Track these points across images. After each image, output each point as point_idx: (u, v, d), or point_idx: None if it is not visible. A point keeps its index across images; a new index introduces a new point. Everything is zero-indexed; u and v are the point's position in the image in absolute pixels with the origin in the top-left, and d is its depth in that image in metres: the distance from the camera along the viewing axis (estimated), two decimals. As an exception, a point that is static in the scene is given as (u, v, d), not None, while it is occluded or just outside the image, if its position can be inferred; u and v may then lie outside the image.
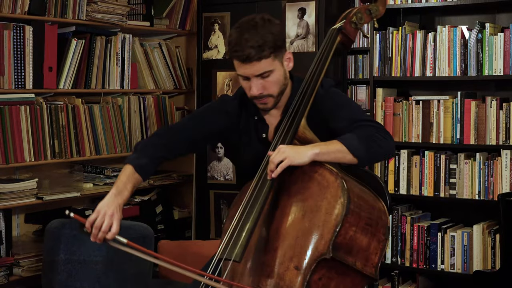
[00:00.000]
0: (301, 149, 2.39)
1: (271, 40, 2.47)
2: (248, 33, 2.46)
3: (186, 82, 5.01)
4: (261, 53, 2.45)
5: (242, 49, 2.45)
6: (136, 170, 2.58)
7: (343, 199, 2.30)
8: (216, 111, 2.73)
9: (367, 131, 2.47)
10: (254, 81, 2.50)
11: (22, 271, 3.93)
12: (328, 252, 2.25)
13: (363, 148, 2.42)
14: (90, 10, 4.18)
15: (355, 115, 2.56)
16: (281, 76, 2.54)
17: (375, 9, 2.79)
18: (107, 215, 2.42)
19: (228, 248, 2.31)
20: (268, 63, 2.48)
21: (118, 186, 2.53)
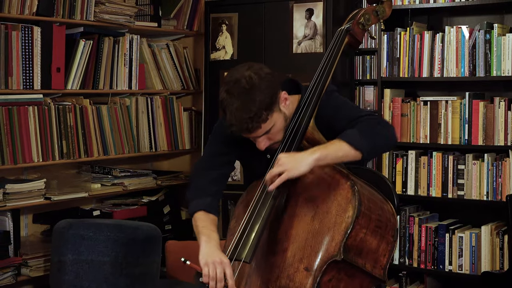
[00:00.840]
0: (300, 157, 2.32)
1: (264, 101, 2.38)
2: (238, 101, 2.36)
3: (193, 83, 5.02)
4: (258, 120, 2.38)
5: (238, 124, 2.37)
6: (207, 211, 2.54)
7: (354, 201, 2.29)
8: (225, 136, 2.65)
9: (366, 123, 2.43)
10: (258, 139, 2.46)
11: (30, 271, 3.94)
12: (339, 254, 2.24)
13: (364, 140, 2.36)
14: (98, 11, 4.19)
15: (353, 113, 2.52)
16: (282, 123, 2.48)
17: (382, 10, 2.79)
18: (216, 263, 2.32)
19: (238, 249, 2.31)
20: (268, 123, 2.42)
21: (204, 233, 2.47)
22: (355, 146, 2.35)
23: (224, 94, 2.42)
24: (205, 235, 2.45)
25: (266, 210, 2.34)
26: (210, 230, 2.48)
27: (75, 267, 3.60)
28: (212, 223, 2.52)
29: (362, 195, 2.33)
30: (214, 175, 2.64)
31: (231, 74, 2.44)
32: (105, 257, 3.59)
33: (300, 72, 2.63)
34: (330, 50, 2.66)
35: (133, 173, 4.54)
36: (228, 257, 2.33)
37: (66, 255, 3.61)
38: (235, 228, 2.44)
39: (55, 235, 3.71)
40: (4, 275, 3.82)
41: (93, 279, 3.59)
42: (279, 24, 4.50)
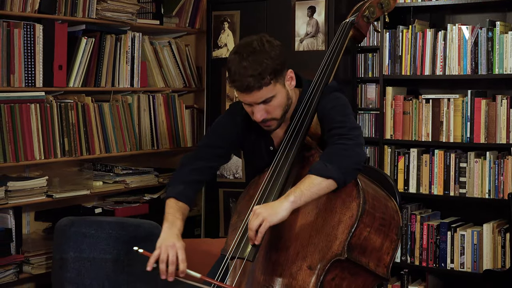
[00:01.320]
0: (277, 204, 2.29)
1: (270, 66, 2.40)
2: (246, 60, 2.39)
3: (195, 81, 5.01)
4: (261, 81, 2.39)
5: (241, 78, 2.39)
6: (177, 199, 2.56)
7: (358, 200, 2.29)
8: (228, 122, 2.71)
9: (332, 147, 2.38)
10: (257, 107, 2.45)
11: (32, 268, 3.94)
12: (343, 253, 2.24)
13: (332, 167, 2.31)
14: (100, 8, 4.19)
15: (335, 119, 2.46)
16: (283, 99, 2.49)
17: (386, 2, 2.78)
18: (169, 247, 2.35)
19: (241, 247, 2.30)
20: (269, 89, 2.42)
21: (168, 219, 2.50)
22: (324, 175, 2.30)
23: (232, 54, 2.45)
24: (169, 222, 2.48)
25: None
26: (174, 217, 2.50)
27: (76, 264, 3.60)
28: (179, 211, 2.53)
29: (367, 193, 2.32)
30: (200, 165, 2.65)
31: (243, 39, 2.50)
32: (106, 254, 3.59)
33: (302, 70, 2.63)
34: (334, 43, 2.65)
35: (135, 170, 4.54)
36: (231, 255, 2.33)
37: (68, 252, 3.61)
38: (237, 223, 2.44)
39: (57, 233, 3.71)
40: (6, 273, 3.82)
41: (94, 277, 3.59)
42: (281, 21, 4.50)
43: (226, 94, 4.70)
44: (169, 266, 2.32)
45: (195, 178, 2.64)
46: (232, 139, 2.69)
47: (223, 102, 4.70)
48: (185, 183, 2.60)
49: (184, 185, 2.59)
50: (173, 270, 2.32)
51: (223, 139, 2.68)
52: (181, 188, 2.58)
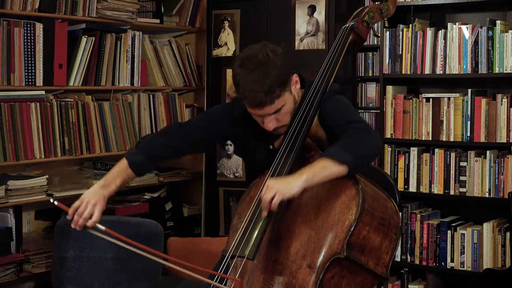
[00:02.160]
0: (290, 180, 2.31)
1: (278, 77, 2.41)
2: (254, 73, 2.39)
3: (195, 80, 5.01)
4: (272, 95, 2.40)
5: (252, 95, 2.40)
6: (130, 166, 2.61)
7: (358, 199, 2.30)
8: (222, 114, 2.71)
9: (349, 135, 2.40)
10: (267, 118, 2.47)
11: (32, 267, 3.95)
12: (342, 251, 2.25)
13: (347, 153, 2.33)
14: (100, 7, 4.19)
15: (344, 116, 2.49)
16: (291, 105, 2.50)
17: (386, 8, 2.80)
18: (90, 204, 2.46)
19: (241, 246, 2.31)
20: (280, 101, 2.44)
21: (107, 179, 2.58)
22: (339, 161, 2.32)
23: (238, 68, 2.44)
24: (106, 182, 2.57)
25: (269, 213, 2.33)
26: (113, 181, 2.57)
27: (77, 263, 3.60)
28: (121, 176, 2.60)
29: (366, 193, 2.33)
30: (175, 144, 2.67)
31: (245, 50, 2.49)
32: (107, 253, 3.59)
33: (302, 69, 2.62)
34: (334, 48, 2.66)
35: (135, 169, 4.53)
36: (231, 254, 2.33)
37: (68, 251, 3.62)
38: (238, 225, 2.45)
39: (57, 232, 3.71)
40: (6, 272, 3.82)
41: (95, 276, 3.59)
42: (281, 20, 4.50)
43: (226, 93, 4.70)
44: (80, 219, 2.45)
45: (162, 155, 2.68)
46: (221, 130, 2.69)
47: (223, 100, 4.70)
48: (149, 157, 2.63)
49: (146, 157, 2.62)
50: (82, 224, 2.45)
51: (211, 127, 2.69)
52: (141, 160, 2.62)
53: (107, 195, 2.53)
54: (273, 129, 2.49)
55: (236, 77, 2.45)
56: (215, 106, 2.79)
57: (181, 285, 3.91)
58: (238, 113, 2.67)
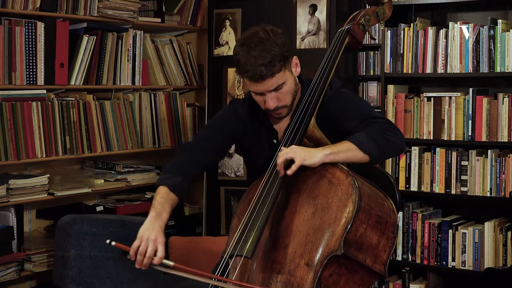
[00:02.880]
0: (313, 150, 2.40)
1: (279, 53, 2.46)
2: (255, 50, 2.44)
3: (197, 79, 5.02)
4: (272, 68, 2.44)
5: (253, 68, 2.43)
6: (171, 190, 2.58)
7: (354, 197, 2.31)
8: (228, 116, 2.73)
9: (376, 127, 2.47)
10: (269, 95, 2.50)
11: (34, 266, 3.95)
12: (339, 249, 2.26)
13: (373, 144, 2.42)
14: (101, 6, 4.19)
15: (364, 112, 2.56)
16: (292, 85, 2.54)
17: (382, 11, 2.82)
18: (150, 240, 2.37)
19: (239, 245, 2.32)
20: (280, 76, 2.47)
21: (156, 209, 2.51)
22: (364, 150, 2.41)
23: (239, 47, 2.49)
24: (156, 212, 2.50)
25: (267, 206, 2.35)
26: (162, 209, 2.52)
27: (78, 262, 3.61)
28: (168, 202, 2.55)
29: (362, 191, 2.34)
30: (199, 158, 2.68)
31: (245, 32, 2.54)
32: (108, 252, 3.60)
33: (303, 67, 2.63)
34: (331, 50, 2.70)
35: (136, 168, 4.54)
36: (230, 253, 2.34)
37: (69, 250, 3.62)
38: (237, 226, 2.45)
39: (58, 231, 3.72)
40: (8, 270, 3.83)
41: (96, 275, 3.60)
42: (282, 19, 4.49)
43: (227, 92, 4.70)
44: (145, 259, 2.35)
45: (193, 172, 2.68)
46: (232, 130, 2.72)
47: (224, 100, 4.70)
48: (184, 176, 2.62)
49: (182, 177, 2.61)
50: (148, 263, 2.36)
51: (222, 132, 2.72)
52: (179, 181, 2.60)
53: (163, 226, 2.46)
54: (274, 108, 2.51)
55: (237, 56, 2.49)
56: (217, 113, 2.81)
57: (182, 284, 3.91)
58: (241, 111, 2.71)
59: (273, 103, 2.50)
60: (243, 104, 2.71)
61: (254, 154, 2.71)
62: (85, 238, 3.62)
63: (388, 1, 2.83)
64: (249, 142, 2.71)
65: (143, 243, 2.37)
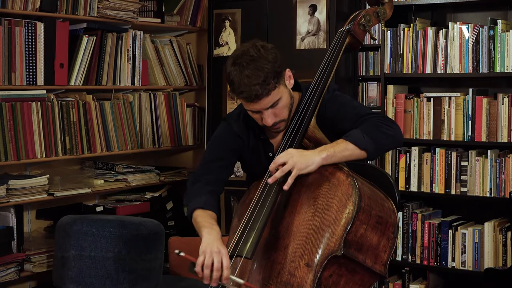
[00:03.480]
0: (308, 154, 2.37)
1: (271, 69, 2.43)
2: (247, 69, 2.42)
3: (197, 79, 5.01)
4: (267, 86, 2.42)
5: (248, 88, 2.41)
6: (204, 208, 2.55)
7: (354, 197, 2.31)
8: (225, 134, 2.72)
9: (371, 122, 2.47)
10: (265, 113, 2.48)
11: (33, 266, 3.95)
12: (339, 249, 2.26)
13: (369, 139, 2.41)
14: (101, 7, 4.19)
15: (357, 112, 2.54)
16: (287, 99, 2.53)
17: (382, 12, 2.82)
18: (214, 253, 2.31)
19: (239, 245, 2.32)
20: (276, 93, 2.46)
21: (205, 225, 2.46)
22: (360, 146, 2.40)
23: (231, 67, 2.47)
24: (207, 228, 2.45)
25: (267, 207, 2.35)
26: (210, 224, 2.48)
27: (78, 263, 3.61)
28: (211, 217, 2.52)
29: (363, 192, 2.34)
30: (211, 178, 2.65)
31: (236, 50, 2.53)
32: (108, 253, 3.59)
33: (303, 68, 2.63)
34: (331, 50, 2.69)
35: (136, 169, 4.54)
36: (230, 253, 2.34)
37: (69, 251, 3.62)
38: (237, 226, 2.45)
39: (58, 231, 3.71)
40: (7, 271, 3.82)
41: (96, 275, 3.59)
42: (282, 20, 4.50)
43: (227, 92, 4.70)
44: (214, 272, 2.28)
45: (213, 189, 2.64)
46: (233, 147, 2.70)
47: (224, 100, 4.70)
48: (206, 194, 2.60)
49: (207, 196, 2.59)
50: (218, 276, 2.29)
51: (224, 150, 2.70)
52: (204, 199, 2.57)
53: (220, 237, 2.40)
54: (272, 124, 2.50)
55: (230, 76, 2.46)
56: (214, 134, 2.77)
57: (182, 284, 3.91)
58: (236, 127, 2.70)
59: (271, 120, 2.49)
60: (238, 120, 2.69)
61: (253, 167, 2.72)
62: (85, 238, 3.61)
63: (388, 1, 2.83)
64: (248, 155, 2.71)
65: (207, 257, 2.31)
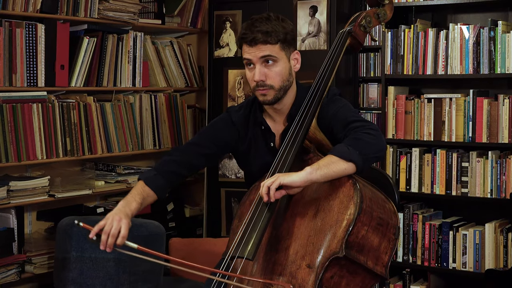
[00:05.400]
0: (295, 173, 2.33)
1: (281, 32, 2.52)
2: (259, 22, 2.52)
3: (197, 80, 5.02)
4: (268, 37, 2.50)
5: (251, 32, 2.51)
6: (145, 183, 2.61)
7: (356, 199, 2.31)
8: (223, 124, 2.74)
9: (353, 133, 2.44)
10: (258, 67, 2.53)
11: (34, 268, 3.95)
12: (340, 251, 2.26)
13: (353, 150, 2.36)
14: (102, 8, 4.20)
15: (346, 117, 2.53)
16: (285, 70, 2.56)
17: (383, 13, 2.83)
18: (115, 220, 2.41)
19: (240, 246, 2.31)
20: (274, 49, 2.52)
21: (127, 198, 2.56)
22: (345, 158, 2.35)
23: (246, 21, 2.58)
24: (125, 201, 2.54)
25: (269, 208, 2.35)
26: (133, 199, 2.55)
27: (79, 264, 3.61)
28: (140, 194, 2.58)
29: (364, 193, 2.34)
30: (181, 158, 2.69)
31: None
32: (109, 254, 3.57)
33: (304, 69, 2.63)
34: (332, 51, 2.70)
35: (137, 170, 4.54)
36: (231, 254, 2.34)
37: (70, 252, 3.62)
38: (238, 227, 2.45)
39: (59, 232, 3.71)
40: (8, 272, 3.82)
41: (97, 277, 3.60)
42: (283, 21, 4.49)
43: (228, 93, 4.70)
44: (109, 238, 2.38)
45: (172, 169, 2.67)
46: (225, 140, 2.72)
47: (224, 101, 4.70)
48: (159, 171, 2.65)
49: (157, 172, 2.64)
50: (112, 242, 2.38)
51: (214, 141, 2.72)
52: (152, 174, 2.63)
53: (129, 212, 2.48)
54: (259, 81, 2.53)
55: (242, 26, 2.57)
56: (213, 120, 2.81)
57: (183, 286, 3.91)
58: (236, 118, 2.72)
59: (259, 76, 2.52)
60: (239, 111, 2.73)
61: (251, 160, 2.71)
62: (86, 239, 3.60)
63: (389, 3, 2.84)
64: (245, 148, 2.71)
65: (107, 223, 2.40)
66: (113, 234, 2.38)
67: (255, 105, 2.70)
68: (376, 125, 2.60)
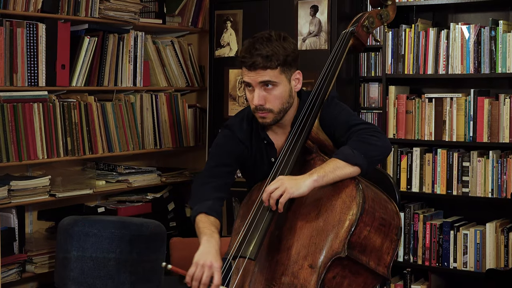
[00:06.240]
0: (299, 178, 2.34)
1: (282, 54, 2.47)
2: (260, 44, 2.47)
3: (198, 80, 5.01)
4: (268, 63, 2.45)
5: (250, 56, 2.46)
6: (208, 214, 2.53)
7: (358, 199, 2.31)
8: (231, 140, 2.70)
9: (357, 136, 2.44)
10: (257, 91, 2.49)
11: (35, 267, 3.95)
12: (343, 251, 2.26)
13: (358, 153, 2.38)
14: (102, 8, 4.20)
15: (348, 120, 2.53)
16: (285, 93, 2.52)
17: (385, 14, 2.84)
18: (205, 266, 2.31)
19: (243, 246, 2.31)
20: (274, 74, 2.48)
21: (206, 232, 2.45)
22: (351, 162, 2.36)
23: (247, 41, 2.53)
24: (207, 235, 2.43)
25: (271, 208, 2.35)
26: (211, 231, 2.46)
27: (79, 264, 3.61)
28: (212, 224, 2.50)
29: (366, 194, 2.34)
30: (215, 183, 2.64)
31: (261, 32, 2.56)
32: (109, 254, 3.60)
33: (304, 69, 2.63)
34: (335, 52, 2.70)
35: (137, 170, 4.54)
36: (233, 254, 2.34)
37: (70, 252, 3.62)
38: (240, 227, 2.45)
39: (60, 232, 3.72)
40: (9, 272, 3.82)
41: (97, 276, 3.60)
42: (283, 21, 4.49)
43: (228, 93, 4.70)
44: (201, 286, 2.30)
45: (219, 195, 2.61)
46: (234, 154, 2.69)
47: (225, 101, 4.70)
48: (212, 200, 2.57)
49: (212, 201, 2.57)
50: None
51: (229, 156, 2.68)
52: (210, 204, 2.55)
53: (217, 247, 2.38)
54: (258, 105, 2.50)
55: (242, 47, 2.52)
56: (215, 141, 2.76)
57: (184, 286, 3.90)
58: (239, 133, 2.69)
59: (258, 100, 2.49)
60: (241, 126, 2.68)
61: (255, 173, 2.70)
62: (87, 239, 3.62)
63: (392, 4, 2.84)
64: (251, 162, 2.70)
65: (198, 269, 2.31)
66: (204, 283, 2.29)
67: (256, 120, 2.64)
68: (377, 127, 2.59)
